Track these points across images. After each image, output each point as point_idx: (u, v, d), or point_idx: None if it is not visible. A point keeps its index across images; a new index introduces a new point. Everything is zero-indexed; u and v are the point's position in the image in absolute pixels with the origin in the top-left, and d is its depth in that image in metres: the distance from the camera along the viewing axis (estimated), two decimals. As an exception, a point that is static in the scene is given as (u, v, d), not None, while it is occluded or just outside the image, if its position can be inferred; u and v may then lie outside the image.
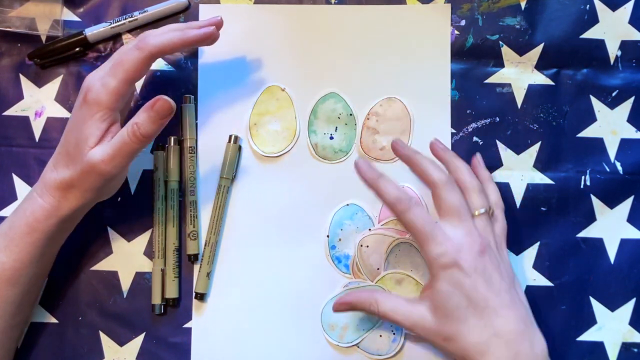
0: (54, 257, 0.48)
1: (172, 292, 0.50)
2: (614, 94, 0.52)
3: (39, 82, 0.51)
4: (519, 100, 0.52)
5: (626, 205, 0.51)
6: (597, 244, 0.51)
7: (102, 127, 0.43)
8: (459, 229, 0.43)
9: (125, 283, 0.50)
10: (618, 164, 0.52)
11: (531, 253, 0.51)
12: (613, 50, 0.52)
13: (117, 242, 0.51)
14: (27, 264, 0.44)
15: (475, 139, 0.52)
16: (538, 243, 0.51)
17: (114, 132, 0.43)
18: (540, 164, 0.51)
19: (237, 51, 0.52)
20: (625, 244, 0.51)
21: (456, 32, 0.52)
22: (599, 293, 0.51)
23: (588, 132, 0.52)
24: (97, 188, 0.44)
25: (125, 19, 0.51)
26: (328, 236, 0.51)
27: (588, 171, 0.52)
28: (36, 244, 0.44)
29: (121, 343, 0.50)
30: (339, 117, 0.52)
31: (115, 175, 0.43)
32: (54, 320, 0.50)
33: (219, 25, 0.47)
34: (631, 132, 0.52)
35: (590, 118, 0.52)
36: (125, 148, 0.42)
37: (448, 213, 0.43)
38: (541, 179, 0.51)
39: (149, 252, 0.51)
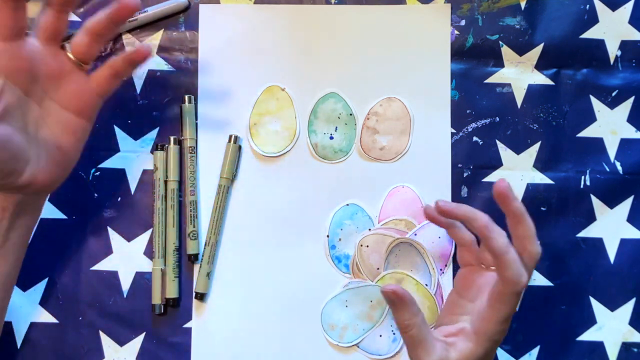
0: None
1: (172, 292, 0.50)
2: (613, 94, 0.52)
3: (39, 82, 0.51)
4: (519, 100, 0.52)
5: (626, 205, 0.52)
6: (597, 244, 0.51)
7: None
8: None
9: (125, 283, 0.50)
10: (618, 164, 0.52)
11: (531, 253, 0.51)
12: (613, 50, 0.52)
13: (117, 242, 0.51)
14: None
15: (475, 138, 0.52)
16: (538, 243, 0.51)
17: None
18: (540, 164, 0.52)
19: (237, 51, 0.52)
20: (625, 244, 0.51)
21: (456, 32, 0.52)
22: (599, 293, 0.51)
23: (588, 132, 0.52)
24: None
25: (125, 19, 0.51)
26: (328, 236, 0.51)
27: (588, 171, 0.52)
28: None
29: (121, 343, 0.50)
30: (339, 117, 0.52)
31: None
32: (54, 320, 0.50)
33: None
34: (631, 132, 0.52)
35: (590, 118, 0.52)
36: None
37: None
38: (541, 179, 0.51)
39: (149, 252, 0.51)
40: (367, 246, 0.50)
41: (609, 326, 0.51)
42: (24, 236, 0.43)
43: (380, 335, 0.50)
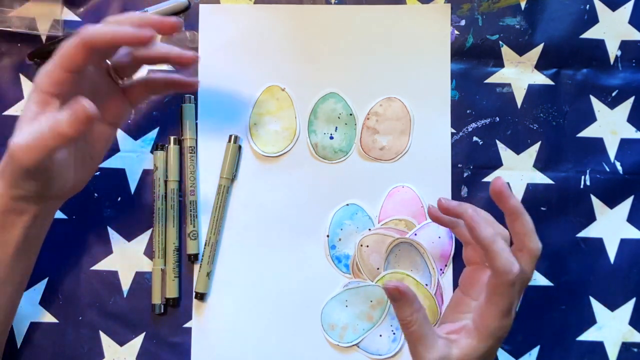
0: (11, 262, 0.43)
1: (172, 292, 0.50)
2: (613, 94, 0.52)
3: (39, 82, 0.51)
4: (519, 100, 0.52)
5: (626, 205, 0.52)
6: (597, 244, 0.51)
7: (32, 109, 0.39)
8: None
9: (125, 283, 0.50)
10: (618, 164, 0.52)
11: (531, 253, 0.51)
12: (613, 50, 0.52)
13: (117, 242, 0.51)
14: None
15: (475, 139, 0.52)
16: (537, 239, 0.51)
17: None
18: (540, 164, 0.52)
19: (237, 51, 0.52)
20: (625, 244, 0.51)
21: (456, 32, 0.52)
22: (599, 293, 0.51)
23: (588, 132, 0.52)
24: (20, 176, 0.40)
25: (125, 19, 0.51)
26: (328, 236, 0.51)
27: (588, 171, 0.52)
28: None
29: (121, 343, 0.50)
30: (339, 117, 0.52)
31: (34, 167, 0.39)
32: (54, 320, 0.50)
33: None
34: (631, 132, 0.52)
35: (590, 118, 0.52)
36: (43, 141, 0.38)
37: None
38: (541, 178, 0.51)
39: (149, 252, 0.51)
40: (367, 246, 0.50)
41: (609, 326, 0.51)
42: (42, 235, 0.45)
43: (380, 335, 0.50)
